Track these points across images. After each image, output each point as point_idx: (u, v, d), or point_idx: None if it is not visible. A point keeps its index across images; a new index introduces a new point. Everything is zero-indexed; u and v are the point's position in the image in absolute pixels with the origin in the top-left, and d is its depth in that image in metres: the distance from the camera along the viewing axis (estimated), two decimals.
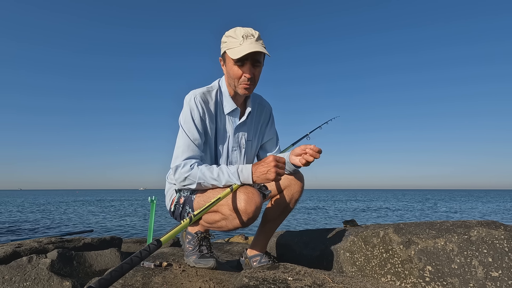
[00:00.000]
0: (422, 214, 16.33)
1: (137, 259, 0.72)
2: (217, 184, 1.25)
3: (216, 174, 1.24)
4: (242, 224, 1.20)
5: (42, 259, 2.01)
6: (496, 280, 1.21)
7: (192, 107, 1.32)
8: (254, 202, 1.17)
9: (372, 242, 1.54)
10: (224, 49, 1.31)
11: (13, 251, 2.24)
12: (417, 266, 1.35)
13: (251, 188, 1.21)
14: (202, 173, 1.24)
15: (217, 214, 1.27)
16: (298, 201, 1.52)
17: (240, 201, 1.18)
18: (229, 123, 1.43)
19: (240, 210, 1.18)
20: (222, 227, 1.28)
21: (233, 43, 1.26)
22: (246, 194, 1.18)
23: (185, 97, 1.37)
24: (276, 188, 1.51)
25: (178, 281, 1.29)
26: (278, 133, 1.63)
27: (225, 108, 1.41)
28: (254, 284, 1.10)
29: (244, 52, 1.21)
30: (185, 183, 1.27)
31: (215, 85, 1.42)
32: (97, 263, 2.36)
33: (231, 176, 1.22)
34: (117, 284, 1.21)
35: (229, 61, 1.29)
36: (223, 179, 1.23)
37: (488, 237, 1.30)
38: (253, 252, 1.56)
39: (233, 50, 1.25)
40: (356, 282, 1.24)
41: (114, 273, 0.66)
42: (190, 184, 1.27)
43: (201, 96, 1.35)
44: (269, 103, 1.61)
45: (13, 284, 1.79)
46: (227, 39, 1.29)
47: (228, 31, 1.31)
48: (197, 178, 1.24)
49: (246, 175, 1.22)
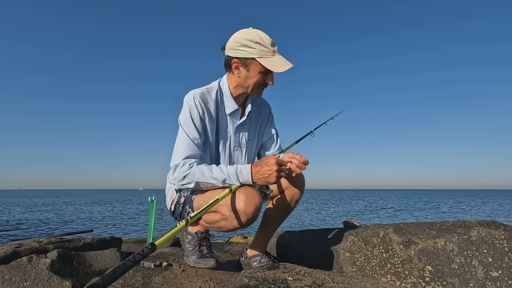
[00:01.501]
0: (422, 214, 16.33)
1: (130, 264, 0.71)
2: (216, 184, 1.24)
3: (215, 174, 1.23)
4: (241, 225, 1.20)
5: (42, 259, 2.01)
6: (496, 280, 1.21)
7: (192, 107, 1.31)
8: (253, 202, 1.17)
9: (372, 242, 1.54)
10: (253, 55, 1.26)
11: (13, 251, 2.24)
12: (417, 266, 1.35)
13: (251, 189, 1.21)
14: (201, 172, 1.24)
15: (217, 215, 1.27)
16: (299, 202, 1.52)
17: (240, 201, 1.18)
18: (230, 123, 1.43)
19: (239, 210, 1.17)
20: (222, 227, 1.28)
21: (265, 52, 1.25)
22: (245, 195, 1.18)
23: (184, 97, 1.36)
24: (277, 189, 1.51)
25: (178, 281, 1.29)
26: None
27: (226, 108, 1.40)
28: (254, 284, 1.10)
29: (284, 69, 1.24)
30: (184, 182, 1.27)
31: (215, 85, 1.41)
32: (97, 263, 2.36)
33: (231, 177, 1.22)
34: (117, 284, 1.21)
35: (255, 68, 1.28)
36: (222, 179, 1.22)
37: (488, 237, 1.30)
38: (253, 252, 1.56)
39: (269, 62, 1.25)
40: (356, 282, 1.24)
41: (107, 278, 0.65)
42: (189, 183, 1.26)
43: (200, 96, 1.34)
44: (268, 102, 1.61)
45: (13, 284, 1.79)
46: (256, 46, 1.25)
47: (251, 35, 1.26)
48: (196, 177, 1.24)
49: (246, 176, 1.21)
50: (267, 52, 1.26)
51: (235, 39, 1.29)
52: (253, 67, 1.29)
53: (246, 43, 1.25)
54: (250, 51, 1.26)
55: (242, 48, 1.26)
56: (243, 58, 1.28)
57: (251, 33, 1.26)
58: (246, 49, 1.26)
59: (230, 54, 1.31)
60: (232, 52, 1.30)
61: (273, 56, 1.27)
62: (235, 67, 1.32)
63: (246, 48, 1.26)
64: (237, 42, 1.27)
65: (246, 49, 1.26)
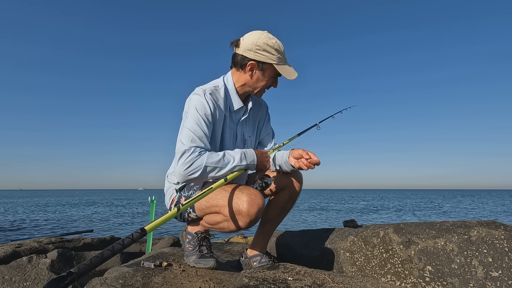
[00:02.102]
0: (422, 214, 16.33)
1: (119, 247, 0.70)
2: (222, 167, 1.21)
3: (225, 157, 1.22)
4: (244, 226, 1.20)
5: (42, 259, 2.01)
6: (496, 280, 1.21)
7: (203, 102, 1.30)
8: (256, 204, 1.17)
9: (372, 242, 1.54)
10: (271, 61, 1.32)
11: (13, 251, 2.24)
12: (417, 266, 1.35)
13: (254, 190, 1.21)
14: (211, 157, 1.20)
15: (219, 216, 1.26)
16: (296, 200, 1.53)
17: (243, 203, 1.17)
18: (235, 119, 1.45)
19: (242, 212, 1.17)
20: (224, 228, 1.28)
21: (282, 60, 1.34)
22: (248, 196, 1.18)
23: (193, 92, 1.35)
24: (275, 188, 1.52)
25: (178, 281, 1.29)
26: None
27: (232, 105, 1.42)
28: (254, 284, 1.10)
29: (294, 76, 1.36)
30: (191, 168, 1.19)
31: (221, 83, 1.41)
32: None
33: (236, 158, 1.23)
34: (117, 284, 1.21)
35: (269, 73, 1.36)
36: (231, 162, 1.22)
37: (488, 237, 1.30)
38: (253, 252, 1.56)
39: (284, 69, 1.35)
40: (356, 282, 1.24)
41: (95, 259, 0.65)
42: (197, 170, 1.19)
43: (210, 92, 1.34)
44: (265, 101, 1.63)
45: (13, 284, 1.79)
46: (275, 52, 1.32)
47: (271, 41, 1.31)
48: (205, 161, 1.19)
49: (251, 157, 1.27)
50: (283, 60, 1.35)
51: (256, 42, 1.31)
52: (268, 71, 1.36)
53: (267, 48, 1.31)
54: (270, 56, 1.32)
55: (263, 52, 1.31)
56: (261, 62, 1.33)
57: (271, 39, 1.32)
58: (266, 54, 1.31)
59: (248, 55, 1.33)
60: (251, 54, 1.32)
61: (285, 64, 1.36)
62: (250, 69, 1.36)
63: (267, 53, 1.31)
64: (257, 46, 1.31)
65: (267, 54, 1.31)
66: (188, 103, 1.33)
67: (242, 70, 1.38)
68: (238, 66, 1.38)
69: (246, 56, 1.33)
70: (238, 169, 1.23)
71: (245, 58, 1.34)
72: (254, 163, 1.27)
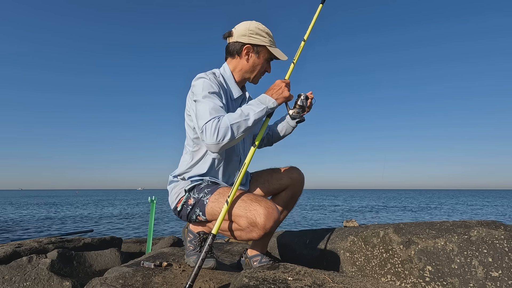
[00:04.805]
0: (422, 214, 16.33)
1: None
2: (246, 119, 1.20)
3: (244, 111, 1.22)
4: (258, 238, 1.19)
5: (42, 259, 2.01)
6: (496, 280, 1.21)
7: (210, 83, 1.30)
8: (273, 218, 1.16)
9: (372, 242, 1.54)
10: (264, 43, 1.40)
11: (13, 251, 2.24)
12: (417, 266, 1.35)
13: (271, 203, 1.20)
14: (229, 117, 1.20)
15: (234, 224, 1.25)
16: (297, 200, 1.55)
17: (260, 216, 1.15)
18: (235, 108, 1.44)
19: (258, 225, 1.15)
20: (236, 236, 1.27)
21: (272, 43, 1.43)
22: (266, 209, 1.16)
23: (194, 79, 1.35)
24: (278, 188, 1.53)
25: (178, 281, 1.29)
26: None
27: (233, 93, 1.44)
28: (254, 284, 1.10)
29: (285, 58, 1.44)
30: (220, 135, 1.17)
31: (217, 72, 1.43)
32: (97, 263, 2.36)
33: (254, 106, 1.24)
34: (117, 284, 1.22)
35: (263, 55, 1.43)
36: (251, 112, 1.22)
37: (488, 237, 1.30)
38: (254, 252, 1.56)
39: (276, 51, 1.42)
40: (356, 282, 1.24)
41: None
42: (225, 134, 1.17)
43: (213, 77, 1.35)
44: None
45: (13, 284, 1.79)
46: (266, 35, 1.41)
47: (262, 26, 1.42)
48: (229, 121, 1.18)
49: (267, 99, 1.28)
50: (274, 43, 1.45)
51: (248, 27, 1.40)
52: (262, 53, 1.43)
53: (260, 32, 1.41)
54: (262, 39, 1.41)
55: (256, 36, 1.40)
56: (256, 45, 1.41)
57: (261, 25, 1.42)
58: (259, 37, 1.40)
59: (242, 40, 1.41)
60: (245, 39, 1.40)
61: (276, 47, 1.45)
62: (246, 53, 1.42)
63: (260, 36, 1.40)
64: (250, 30, 1.40)
65: (260, 37, 1.40)
66: (194, 88, 1.32)
67: (238, 56, 1.43)
68: (234, 54, 1.43)
69: (241, 42, 1.41)
70: (260, 115, 1.24)
71: (241, 44, 1.41)
72: (271, 103, 1.28)
